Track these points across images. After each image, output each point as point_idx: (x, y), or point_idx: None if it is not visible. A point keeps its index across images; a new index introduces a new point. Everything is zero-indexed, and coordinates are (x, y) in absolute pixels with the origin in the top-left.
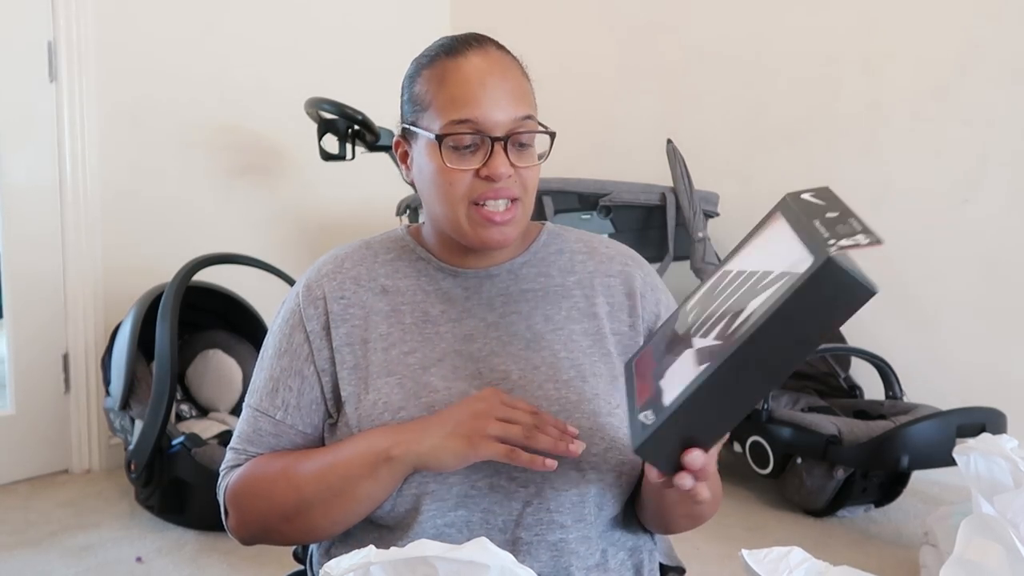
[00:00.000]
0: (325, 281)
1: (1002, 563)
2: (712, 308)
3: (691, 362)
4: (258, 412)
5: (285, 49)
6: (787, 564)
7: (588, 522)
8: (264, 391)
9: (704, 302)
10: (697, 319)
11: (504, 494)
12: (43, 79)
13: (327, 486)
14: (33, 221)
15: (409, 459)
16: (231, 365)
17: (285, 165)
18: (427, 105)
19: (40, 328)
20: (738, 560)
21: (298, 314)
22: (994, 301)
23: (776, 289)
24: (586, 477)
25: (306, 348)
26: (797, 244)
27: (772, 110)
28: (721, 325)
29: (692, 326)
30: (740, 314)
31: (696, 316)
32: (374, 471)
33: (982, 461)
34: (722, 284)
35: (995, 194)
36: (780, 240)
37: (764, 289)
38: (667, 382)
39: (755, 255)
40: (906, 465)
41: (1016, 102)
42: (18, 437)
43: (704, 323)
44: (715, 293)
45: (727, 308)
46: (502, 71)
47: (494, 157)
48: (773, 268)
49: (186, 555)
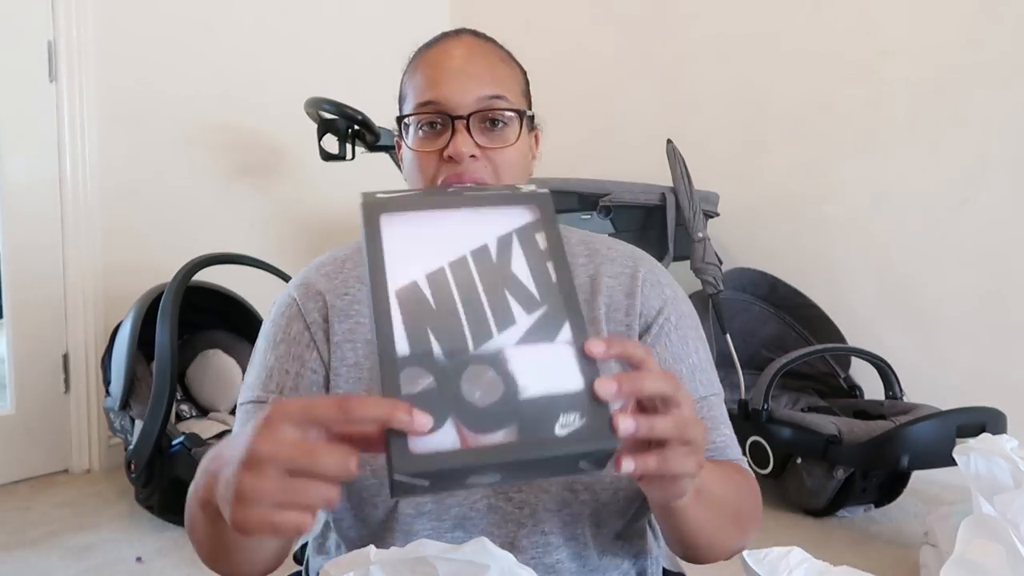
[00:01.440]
0: (324, 280)
1: (1002, 563)
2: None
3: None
4: (250, 405)
5: (285, 48)
6: (787, 564)
7: (582, 542)
8: (257, 383)
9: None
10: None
11: (501, 515)
12: (43, 79)
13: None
14: (33, 221)
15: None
16: (231, 365)
17: (285, 165)
18: (405, 96)
19: (40, 328)
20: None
21: (295, 307)
22: (994, 301)
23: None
24: (579, 498)
25: (306, 335)
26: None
27: (772, 110)
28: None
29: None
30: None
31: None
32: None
33: (982, 461)
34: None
35: (995, 194)
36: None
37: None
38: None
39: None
40: (906, 465)
41: (1016, 102)
42: (18, 437)
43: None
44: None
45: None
46: (471, 54)
47: (455, 136)
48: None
49: (186, 555)
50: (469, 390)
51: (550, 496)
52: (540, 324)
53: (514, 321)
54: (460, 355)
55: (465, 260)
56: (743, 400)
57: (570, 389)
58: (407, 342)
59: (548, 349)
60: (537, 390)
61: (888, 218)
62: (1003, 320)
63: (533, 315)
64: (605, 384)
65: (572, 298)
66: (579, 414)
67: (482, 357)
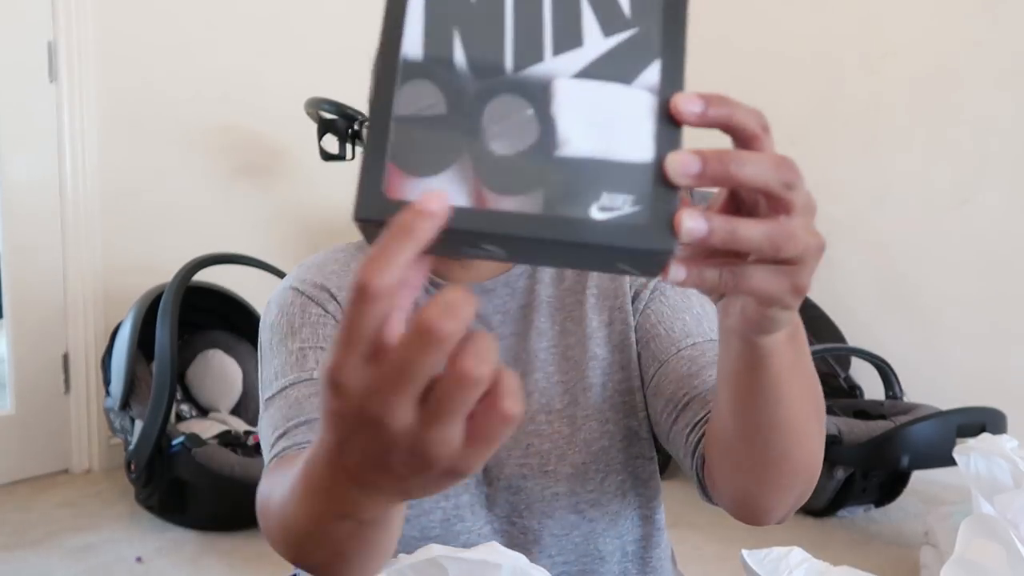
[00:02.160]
0: (333, 278)
1: (1002, 563)
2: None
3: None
4: (287, 389)
5: (285, 48)
6: (787, 564)
7: (592, 568)
8: (286, 369)
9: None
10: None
11: (507, 540)
12: (43, 79)
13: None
14: (33, 221)
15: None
16: (231, 365)
17: (285, 165)
18: None
19: (40, 328)
20: (738, 560)
21: (302, 296)
22: (994, 301)
23: None
24: (586, 516)
25: (330, 319)
26: None
27: (772, 110)
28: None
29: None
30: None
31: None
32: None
33: (982, 461)
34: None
35: (995, 194)
36: None
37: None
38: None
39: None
40: (906, 465)
41: (1016, 102)
42: (18, 437)
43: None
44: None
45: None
46: None
47: None
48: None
49: (186, 555)
50: (491, 128)
51: (555, 521)
52: (618, 53)
53: (580, 42)
54: (491, 75)
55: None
56: None
57: (630, 157)
58: (421, 42)
59: (617, 92)
60: (584, 148)
61: (888, 218)
62: (1003, 320)
63: (612, 38)
64: (683, 160)
65: (678, 26)
66: (633, 196)
67: (521, 84)
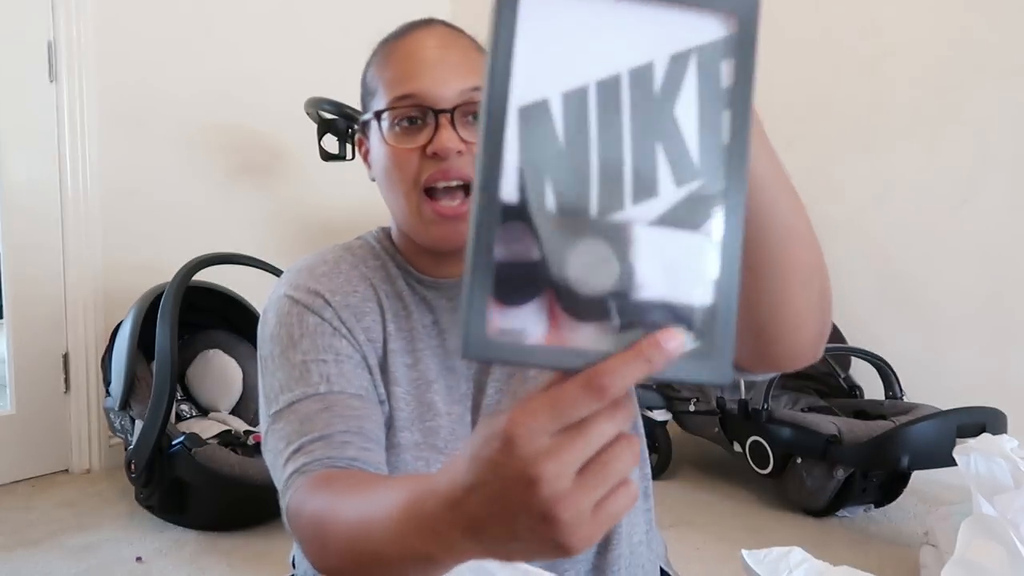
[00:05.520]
0: (325, 280)
1: (1002, 563)
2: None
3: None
4: (295, 404)
5: (285, 48)
6: (787, 564)
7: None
8: (291, 384)
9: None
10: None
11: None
12: (43, 79)
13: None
14: (33, 221)
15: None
16: (231, 365)
17: (285, 165)
18: (374, 90)
19: (40, 328)
20: (738, 560)
21: (298, 305)
22: (994, 301)
23: None
24: (613, 552)
25: (325, 325)
26: None
27: (772, 110)
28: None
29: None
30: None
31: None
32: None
33: (982, 461)
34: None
35: (995, 194)
36: None
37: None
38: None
39: None
40: (906, 465)
41: (1016, 102)
42: (18, 437)
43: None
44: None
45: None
46: (447, 44)
47: (439, 131)
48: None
49: (186, 555)
50: (576, 269)
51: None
52: (688, 203)
53: (656, 192)
54: (578, 218)
55: (618, 81)
56: (743, 400)
57: (694, 301)
58: (516, 185)
59: (686, 240)
60: (656, 292)
61: (888, 218)
62: (1003, 320)
63: (683, 188)
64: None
65: (739, 174)
66: (695, 335)
67: (604, 229)
